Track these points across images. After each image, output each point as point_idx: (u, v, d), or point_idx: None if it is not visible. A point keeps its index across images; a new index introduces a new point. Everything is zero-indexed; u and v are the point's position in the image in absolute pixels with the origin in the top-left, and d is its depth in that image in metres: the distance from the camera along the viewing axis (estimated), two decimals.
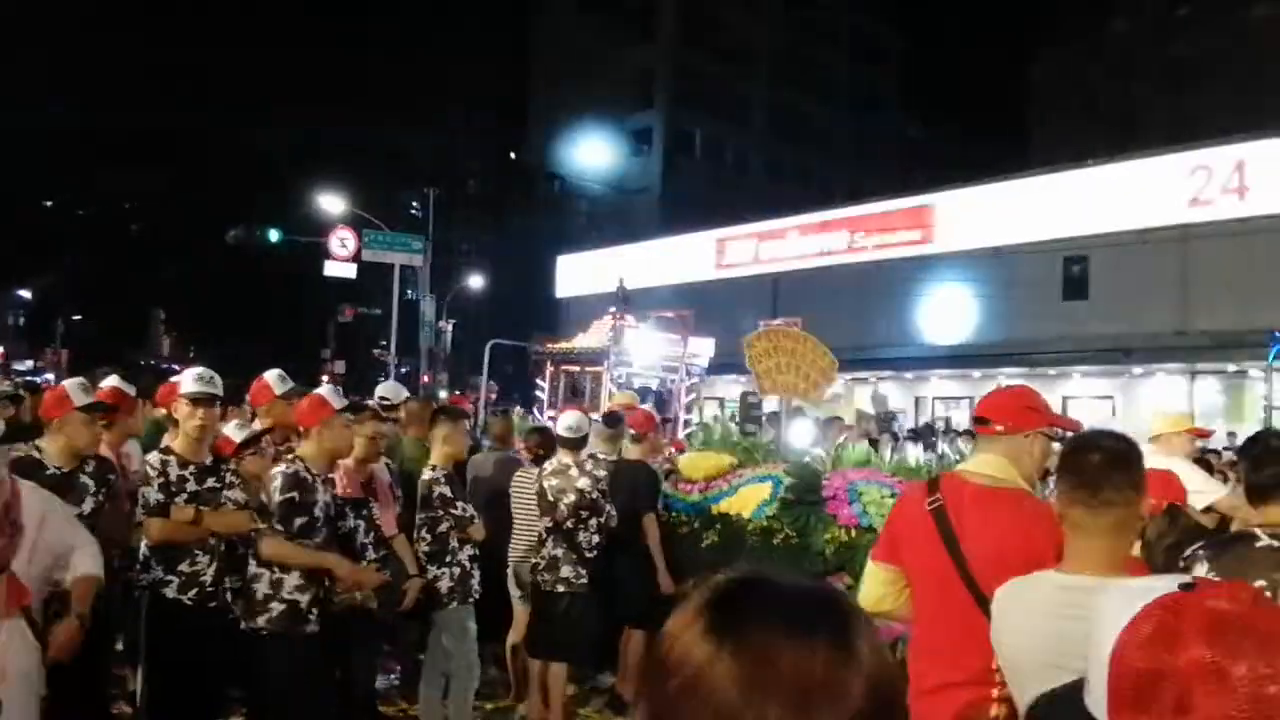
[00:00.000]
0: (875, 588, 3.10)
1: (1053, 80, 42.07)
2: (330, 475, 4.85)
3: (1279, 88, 29.49)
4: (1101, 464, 2.23)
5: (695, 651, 0.90)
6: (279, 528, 4.44)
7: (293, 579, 4.45)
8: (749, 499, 6.39)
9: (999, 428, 2.98)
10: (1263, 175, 17.14)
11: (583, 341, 12.20)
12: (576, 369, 12.06)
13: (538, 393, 12.77)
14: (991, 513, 2.83)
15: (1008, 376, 21.45)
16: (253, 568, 4.50)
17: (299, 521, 4.46)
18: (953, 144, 44.19)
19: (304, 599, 4.45)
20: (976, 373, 21.74)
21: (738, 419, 11.40)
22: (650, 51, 44.13)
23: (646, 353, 11.80)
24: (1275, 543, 2.60)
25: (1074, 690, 1.35)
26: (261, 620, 4.42)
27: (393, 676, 6.69)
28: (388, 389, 7.61)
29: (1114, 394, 20.34)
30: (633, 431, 6.81)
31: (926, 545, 2.89)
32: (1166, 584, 1.21)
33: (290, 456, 4.69)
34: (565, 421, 6.19)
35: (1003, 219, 21.05)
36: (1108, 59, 39.33)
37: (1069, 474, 2.28)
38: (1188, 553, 2.79)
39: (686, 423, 11.46)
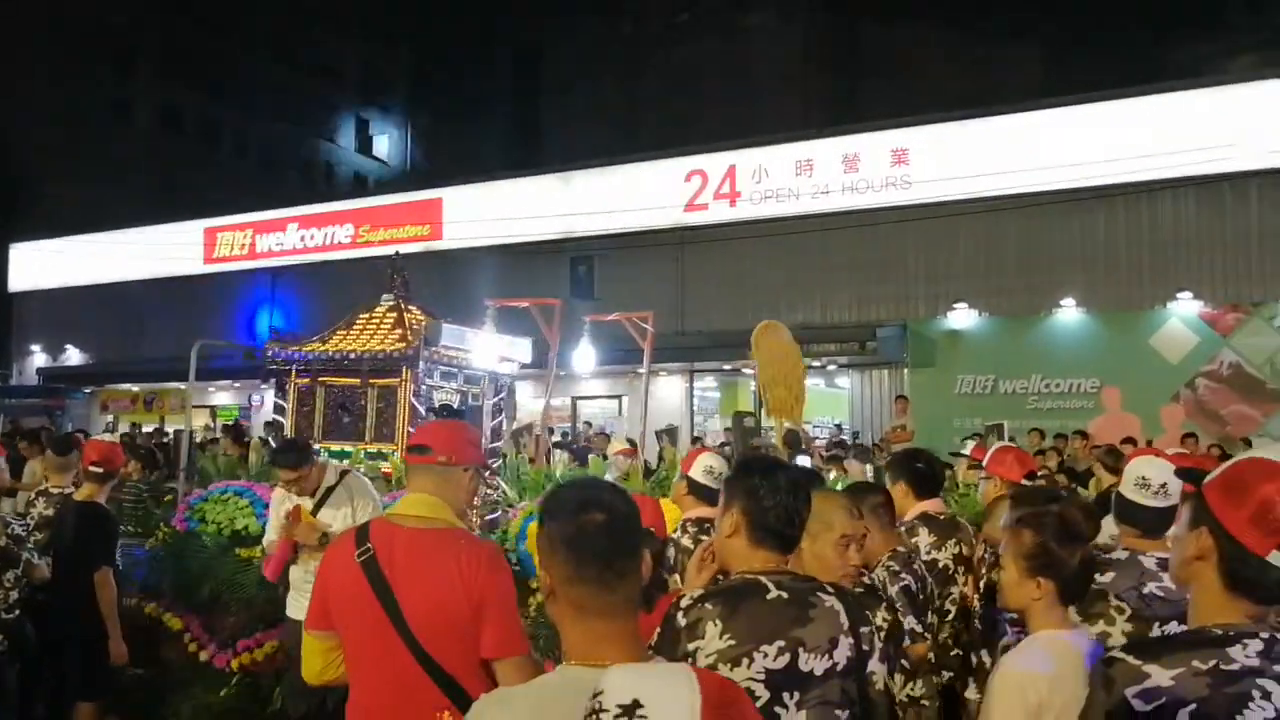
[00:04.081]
0: (314, 660, 2.85)
1: (563, 79, 43.08)
2: None
3: (766, 94, 32.07)
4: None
5: None
6: None
7: None
8: None
9: (441, 458, 2.88)
10: (750, 182, 18.04)
11: (355, 343, 8.71)
12: (354, 381, 8.65)
13: (277, 416, 9.47)
14: (427, 558, 2.70)
15: (518, 380, 21.09)
16: None
17: None
18: (464, 137, 43.72)
19: None
20: None
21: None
22: (129, 16, 38.99)
23: (486, 356, 8.89)
24: (784, 594, 2.37)
25: None
26: None
27: None
28: None
29: (621, 393, 20.68)
30: (92, 468, 5.70)
31: (360, 602, 2.68)
32: None
33: None
34: None
35: (513, 216, 20.59)
36: (614, 59, 40.92)
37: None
38: (687, 602, 2.40)
39: (494, 453, 8.44)
